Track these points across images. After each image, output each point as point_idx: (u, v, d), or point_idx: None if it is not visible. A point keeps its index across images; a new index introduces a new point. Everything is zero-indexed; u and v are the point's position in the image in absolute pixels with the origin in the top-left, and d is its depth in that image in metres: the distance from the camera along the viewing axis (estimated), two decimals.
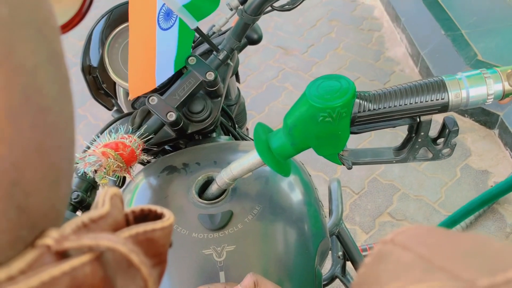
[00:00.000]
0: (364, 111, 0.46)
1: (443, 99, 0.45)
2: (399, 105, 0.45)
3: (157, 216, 0.20)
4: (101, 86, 0.76)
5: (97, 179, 0.54)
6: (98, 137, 0.58)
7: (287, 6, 0.65)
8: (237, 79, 0.92)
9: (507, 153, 1.76)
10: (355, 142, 1.92)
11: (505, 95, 0.44)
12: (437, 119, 0.63)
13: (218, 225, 0.56)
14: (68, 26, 0.44)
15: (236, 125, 0.87)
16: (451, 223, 1.35)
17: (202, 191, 0.63)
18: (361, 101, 0.45)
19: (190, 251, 0.55)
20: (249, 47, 0.85)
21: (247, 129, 1.17)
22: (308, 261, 0.58)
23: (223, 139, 0.77)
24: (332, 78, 0.45)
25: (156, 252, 0.19)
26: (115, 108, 0.82)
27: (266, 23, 2.70)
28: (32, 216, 0.15)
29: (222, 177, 0.55)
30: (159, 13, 0.57)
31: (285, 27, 2.70)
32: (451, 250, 0.17)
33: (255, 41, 0.77)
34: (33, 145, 0.15)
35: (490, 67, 0.45)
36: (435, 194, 1.69)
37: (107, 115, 2.32)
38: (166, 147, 0.79)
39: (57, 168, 0.16)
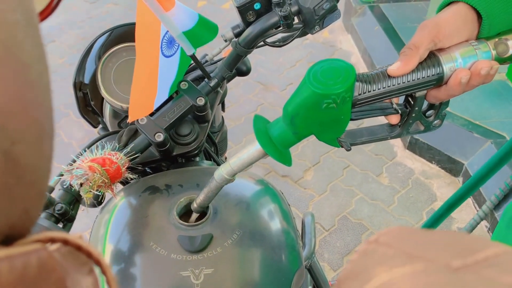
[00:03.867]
0: (364, 93, 0.46)
1: (439, 73, 0.46)
2: (397, 84, 0.46)
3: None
4: (89, 103, 0.77)
5: (82, 193, 0.54)
6: (85, 151, 0.58)
7: (278, 43, 0.69)
8: (223, 108, 0.95)
9: (470, 200, 1.84)
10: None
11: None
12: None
13: (197, 247, 0.56)
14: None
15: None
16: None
17: (183, 213, 0.63)
18: (361, 84, 0.46)
19: (168, 271, 0.55)
20: (231, 81, 0.88)
21: (225, 157, 1.18)
22: None
23: (206, 164, 0.78)
24: (330, 63, 0.45)
25: None
26: (100, 125, 0.82)
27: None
28: (18, 165, 0.16)
29: (221, 173, 0.53)
30: (162, 40, 0.59)
31: (266, 64, 2.79)
32: (428, 244, 0.20)
33: (244, 73, 0.81)
34: (16, 95, 0.16)
35: (480, 41, 0.47)
36: None
37: (80, 134, 2.29)
38: (147, 169, 0.80)
39: (40, 124, 0.17)
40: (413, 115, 0.51)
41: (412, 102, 0.50)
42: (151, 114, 0.66)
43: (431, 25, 0.46)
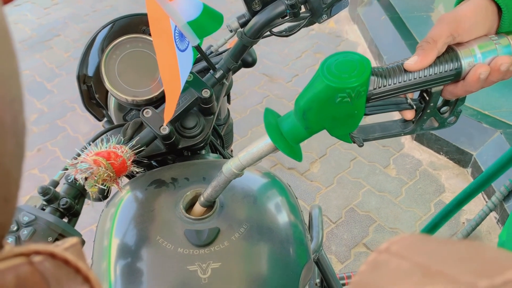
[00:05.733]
0: (379, 87, 0.44)
1: (457, 68, 0.44)
2: (414, 78, 0.45)
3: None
4: (93, 96, 0.76)
5: (86, 187, 0.53)
6: (90, 145, 0.58)
7: (284, 33, 0.68)
8: (228, 100, 0.94)
9: None
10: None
11: None
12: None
13: (204, 241, 0.56)
14: None
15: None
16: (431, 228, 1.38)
17: (190, 206, 0.63)
18: (376, 78, 0.44)
19: (174, 266, 0.55)
20: (236, 73, 0.86)
21: (231, 150, 1.17)
22: (292, 283, 0.58)
23: (212, 156, 0.77)
24: (345, 55, 0.43)
25: None
26: (105, 119, 0.81)
27: None
28: None
29: (230, 167, 0.52)
30: (174, 34, 0.58)
31: (271, 56, 2.76)
32: (447, 257, 0.17)
33: (249, 64, 0.79)
34: None
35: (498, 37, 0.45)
36: (410, 228, 1.72)
37: (87, 128, 2.29)
38: (153, 162, 0.79)
39: None
40: (428, 111, 0.49)
41: (427, 98, 0.48)
42: (156, 107, 0.65)
43: (450, 18, 0.44)
